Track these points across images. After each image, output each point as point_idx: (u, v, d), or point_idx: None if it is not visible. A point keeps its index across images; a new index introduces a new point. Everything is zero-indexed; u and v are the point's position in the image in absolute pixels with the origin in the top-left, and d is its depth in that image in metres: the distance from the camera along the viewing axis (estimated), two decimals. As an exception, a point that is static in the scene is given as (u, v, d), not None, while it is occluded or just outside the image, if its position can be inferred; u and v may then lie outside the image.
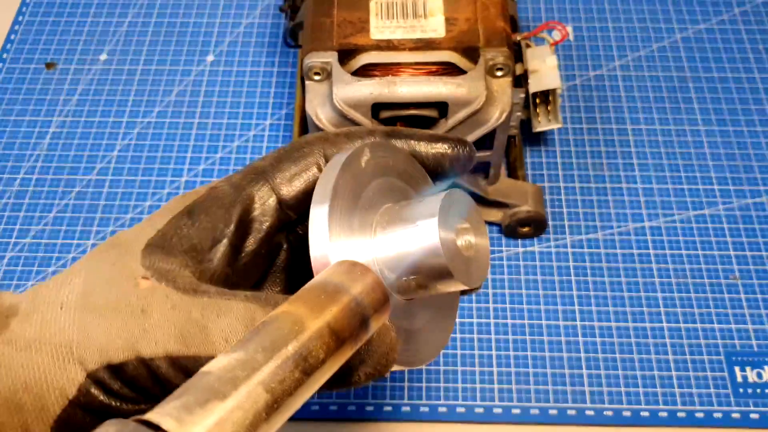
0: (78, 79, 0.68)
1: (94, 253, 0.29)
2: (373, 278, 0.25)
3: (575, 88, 0.66)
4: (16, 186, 0.62)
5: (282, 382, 0.21)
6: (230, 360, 0.21)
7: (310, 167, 0.31)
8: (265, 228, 0.31)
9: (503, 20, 0.51)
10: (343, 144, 0.32)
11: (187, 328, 0.26)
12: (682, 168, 0.61)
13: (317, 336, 0.22)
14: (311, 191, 0.30)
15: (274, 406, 0.21)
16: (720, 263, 0.57)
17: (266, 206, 0.31)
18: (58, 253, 0.58)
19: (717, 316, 0.54)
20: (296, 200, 0.31)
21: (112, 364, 0.26)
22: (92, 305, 0.27)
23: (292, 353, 0.22)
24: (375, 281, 0.25)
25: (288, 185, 0.31)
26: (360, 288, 0.24)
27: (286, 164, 0.31)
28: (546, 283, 0.56)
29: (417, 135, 0.32)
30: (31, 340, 0.27)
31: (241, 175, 0.31)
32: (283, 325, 0.22)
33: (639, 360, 0.53)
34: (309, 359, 0.22)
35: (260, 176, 0.31)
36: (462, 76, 0.49)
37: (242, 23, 0.71)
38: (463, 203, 0.29)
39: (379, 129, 0.32)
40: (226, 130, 0.64)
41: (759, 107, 0.64)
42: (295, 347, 0.22)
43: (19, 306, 0.28)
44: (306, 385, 0.22)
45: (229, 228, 0.29)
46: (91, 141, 0.64)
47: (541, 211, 0.56)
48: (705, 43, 0.68)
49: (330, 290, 0.24)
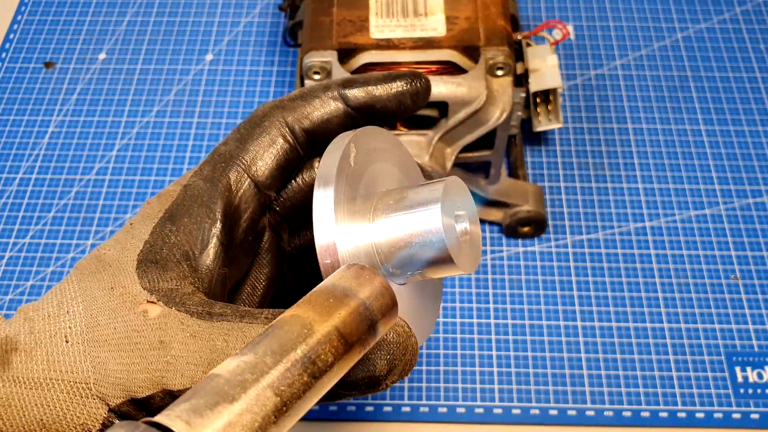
0: (77, 79, 0.67)
1: (83, 275, 0.28)
2: (381, 282, 0.25)
3: (576, 88, 0.65)
4: (15, 186, 0.61)
5: (291, 385, 0.21)
6: (239, 363, 0.21)
7: (276, 140, 0.30)
8: (249, 215, 0.30)
9: (504, 19, 0.51)
10: (300, 107, 0.31)
11: (213, 357, 0.25)
12: (683, 167, 0.61)
13: (326, 340, 0.22)
14: (284, 165, 0.30)
15: (282, 409, 0.21)
16: (721, 263, 0.56)
17: (245, 193, 0.30)
18: (57, 254, 0.58)
19: (718, 316, 0.54)
20: (272, 178, 0.30)
21: (137, 398, 0.25)
22: (102, 339, 0.26)
23: (301, 357, 0.22)
24: (383, 285, 0.25)
25: (259, 165, 0.30)
26: (368, 292, 0.24)
27: (251, 144, 0.30)
28: (546, 283, 0.56)
29: (372, 79, 0.32)
30: (40, 378, 0.26)
31: (210, 167, 0.30)
32: (292, 329, 0.22)
33: (639, 360, 0.53)
34: (317, 363, 0.22)
35: (230, 162, 0.30)
36: (462, 76, 0.49)
37: (241, 22, 0.71)
38: (460, 191, 0.29)
39: (333, 82, 0.31)
40: (225, 129, 0.64)
41: (760, 107, 0.64)
42: (303, 351, 0.22)
43: (18, 339, 0.26)
44: (314, 389, 0.22)
45: (216, 226, 0.29)
46: (90, 141, 0.64)
47: (542, 210, 0.56)
48: (706, 42, 0.68)
49: (338, 294, 0.24)
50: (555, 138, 0.62)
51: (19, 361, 0.26)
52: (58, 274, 0.57)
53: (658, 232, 0.58)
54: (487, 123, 0.50)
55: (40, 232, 0.59)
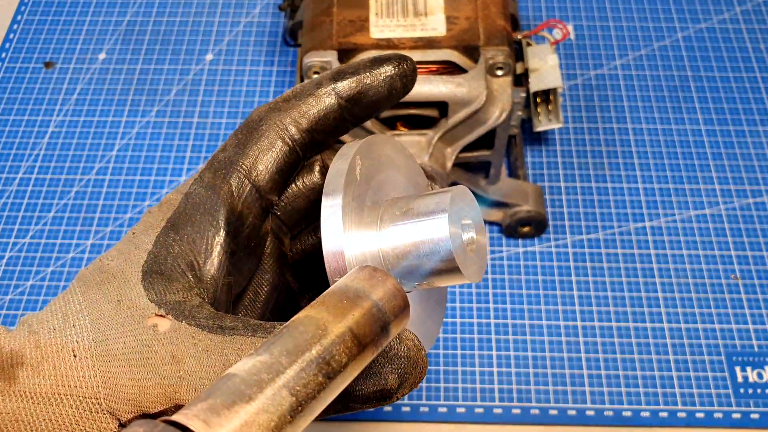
0: (77, 79, 0.67)
1: (88, 286, 0.28)
2: (393, 284, 0.25)
3: (576, 88, 0.65)
4: (15, 186, 0.61)
5: (306, 385, 0.21)
6: (255, 363, 0.21)
7: (275, 143, 0.30)
8: (251, 221, 0.30)
9: (504, 19, 0.51)
10: (295, 107, 0.31)
11: None
12: (683, 167, 0.61)
13: (340, 341, 0.23)
14: (284, 168, 0.30)
15: (298, 408, 0.21)
16: (721, 263, 0.56)
17: (246, 199, 0.30)
18: (57, 253, 0.58)
19: (718, 316, 0.54)
20: (272, 182, 0.30)
21: (148, 413, 0.25)
22: (112, 354, 0.26)
23: (316, 357, 0.22)
24: (395, 287, 0.25)
25: (260, 170, 0.30)
26: (381, 294, 0.24)
27: (250, 149, 0.30)
28: (546, 283, 0.56)
29: (360, 67, 0.31)
30: (48, 393, 0.25)
31: (210, 174, 0.30)
32: (306, 329, 0.22)
33: (639, 360, 0.52)
34: (332, 363, 0.22)
35: (230, 169, 0.30)
36: (462, 76, 0.49)
37: (241, 22, 0.71)
38: (467, 200, 0.29)
39: (323, 77, 0.31)
40: (225, 129, 0.64)
41: (760, 106, 0.64)
42: (318, 351, 0.22)
43: (23, 353, 0.26)
44: (328, 389, 0.22)
45: (219, 235, 0.29)
46: (90, 140, 0.64)
47: (542, 210, 0.56)
48: (706, 42, 0.68)
49: (351, 295, 0.24)
50: (555, 138, 0.62)
51: (26, 376, 0.26)
52: (58, 274, 0.57)
53: (658, 232, 0.58)
54: (486, 123, 0.50)
55: (40, 232, 0.59)
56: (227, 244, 0.29)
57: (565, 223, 0.58)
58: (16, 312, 0.55)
